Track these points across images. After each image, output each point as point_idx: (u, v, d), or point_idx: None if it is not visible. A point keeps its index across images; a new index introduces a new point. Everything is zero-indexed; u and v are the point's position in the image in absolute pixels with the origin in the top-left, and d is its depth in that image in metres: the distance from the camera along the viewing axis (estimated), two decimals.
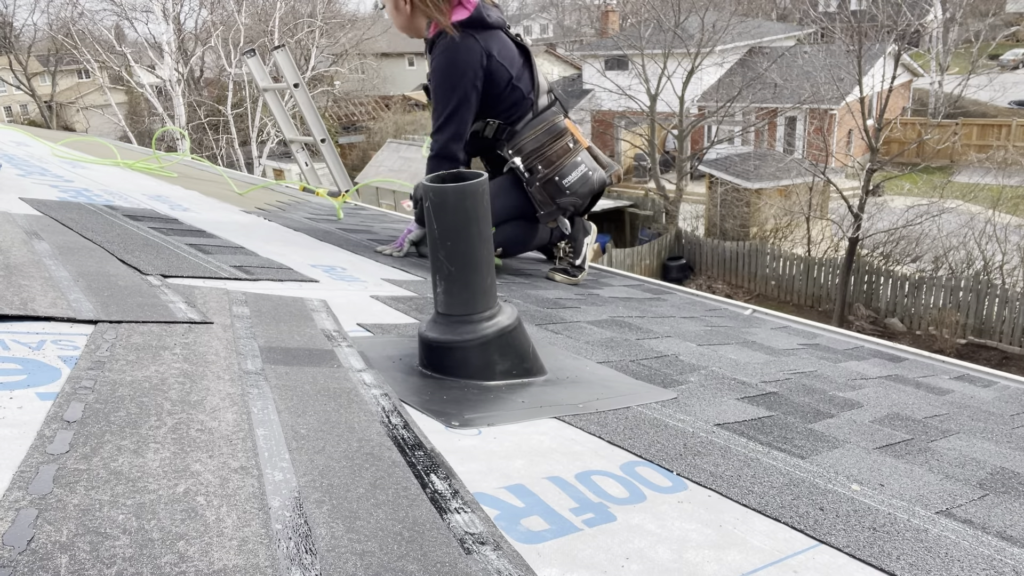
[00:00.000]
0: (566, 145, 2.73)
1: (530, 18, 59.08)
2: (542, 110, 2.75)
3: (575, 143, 2.77)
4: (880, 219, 17.09)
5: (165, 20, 20.34)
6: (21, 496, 0.76)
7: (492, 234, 2.93)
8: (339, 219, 3.63)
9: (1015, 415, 1.89)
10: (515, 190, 2.80)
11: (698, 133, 25.06)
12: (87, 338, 1.25)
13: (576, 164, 2.73)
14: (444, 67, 2.55)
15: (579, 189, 2.75)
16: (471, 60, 2.54)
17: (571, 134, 2.77)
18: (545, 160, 2.71)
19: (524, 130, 2.71)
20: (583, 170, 2.74)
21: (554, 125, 2.74)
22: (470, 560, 0.82)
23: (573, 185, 2.73)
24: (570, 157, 2.72)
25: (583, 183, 2.75)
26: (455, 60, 2.54)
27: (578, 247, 3.02)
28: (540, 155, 2.70)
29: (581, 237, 3.04)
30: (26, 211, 2.31)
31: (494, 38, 2.61)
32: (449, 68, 2.55)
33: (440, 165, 2.62)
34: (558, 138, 2.73)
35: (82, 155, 4.45)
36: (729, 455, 1.28)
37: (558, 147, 2.72)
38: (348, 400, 1.21)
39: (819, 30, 29.18)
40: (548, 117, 2.75)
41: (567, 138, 2.75)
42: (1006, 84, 28.83)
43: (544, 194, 2.75)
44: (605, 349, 1.92)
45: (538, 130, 2.72)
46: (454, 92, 2.56)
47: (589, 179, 2.77)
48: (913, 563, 0.99)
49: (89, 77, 31.89)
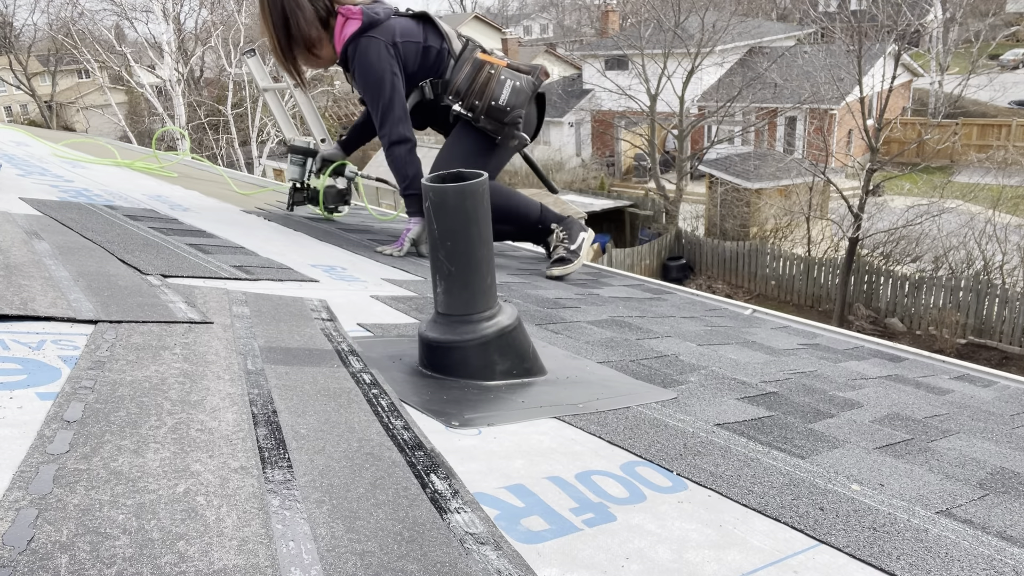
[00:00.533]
0: (487, 73, 2.96)
1: (530, 18, 59.09)
2: (460, 53, 2.99)
3: (494, 68, 2.97)
4: (880, 219, 17.10)
5: (165, 20, 20.34)
6: (21, 496, 0.76)
7: None
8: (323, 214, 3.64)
9: (1015, 415, 1.89)
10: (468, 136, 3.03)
11: (698, 133, 25.07)
12: (87, 338, 1.25)
13: (502, 82, 2.94)
14: (364, 72, 2.84)
15: (516, 101, 2.95)
16: (380, 54, 2.83)
17: (488, 63, 2.97)
18: (477, 94, 2.94)
19: (453, 75, 2.96)
20: (510, 84, 2.94)
21: (474, 60, 2.99)
22: (470, 560, 0.82)
23: (509, 99, 2.94)
24: (494, 80, 2.95)
25: (516, 94, 2.94)
26: (370, 62, 2.83)
27: (573, 234, 3.15)
28: (471, 92, 2.94)
29: (576, 228, 3.19)
30: (26, 211, 2.31)
31: (389, 28, 2.87)
32: (368, 70, 2.83)
33: (398, 151, 2.89)
34: (479, 70, 2.96)
35: (82, 155, 4.46)
36: (729, 455, 1.28)
37: (482, 78, 2.95)
38: (348, 400, 1.21)
39: (819, 30, 29.17)
40: (467, 56, 2.99)
41: (487, 68, 2.97)
42: (1006, 84, 28.84)
43: (492, 121, 2.96)
44: (605, 349, 1.92)
45: (464, 70, 2.96)
46: (381, 86, 2.84)
47: (520, 89, 2.95)
48: (913, 563, 0.99)
49: (89, 77, 31.90)
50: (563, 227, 3.16)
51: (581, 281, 3.04)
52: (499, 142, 3.00)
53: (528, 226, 3.23)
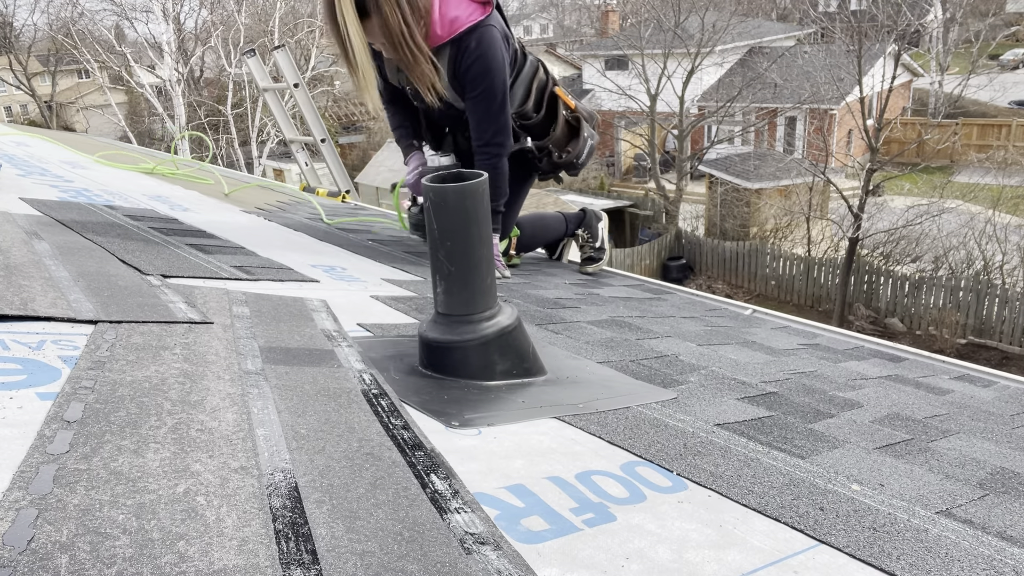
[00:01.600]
0: (567, 119, 2.84)
1: (530, 18, 59.05)
2: (521, 60, 2.68)
3: (572, 114, 2.86)
4: (880, 219, 17.10)
5: (165, 20, 20.33)
6: (21, 496, 0.76)
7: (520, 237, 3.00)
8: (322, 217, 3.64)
9: (1015, 415, 1.89)
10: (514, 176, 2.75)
11: (698, 133, 25.06)
12: (87, 338, 1.25)
13: (586, 141, 2.91)
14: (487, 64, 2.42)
15: (588, 160, 2.99)
16: (502, 49, 2.46)
17: (564, 104, 2.83)
18: (558, 143, 2.86)
19: (516, 89, 2.65)
20: (591, 144, 2.94)
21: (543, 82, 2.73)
22: (470, 560, 0.82)
23: (585, 159, 2.96)
24: (580, 135, 2.89)
25: (590, 154, 2.99)
26: (495, 55, 2.42)
27: (594, 232, 3.29)
28: (550, 139, 2.83)
29: (595, 223, 3.31)
30: (26, 211, 2.31)
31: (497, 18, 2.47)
32: (493, 63, 2.43)
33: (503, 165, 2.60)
34: (553, 106, 2.77)
35: (122, 164, 4.46)
36: (729, 455, 1.28)
37: (561, 123, 2.82)
38: (348, 400, 1.21)
39: (819, 30, 29.17)
40: (530, 72, 2.69)
41: (561, 107, 2.80)
42: (1006, 84, 28.82)
43: (552, 166, 2.94)
44: (605, 349, 1.92)
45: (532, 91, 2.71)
46: (504, 86, 2.49)
47: (593, 148, 2.99)
48: (913, 563, 0.99)
49: (89, 77, 31.88)
50: (584, 228, 3.30)
51: (581, 281, 3.04)
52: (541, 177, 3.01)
53: (557, 241, 3.41)
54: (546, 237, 3.31)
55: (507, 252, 3.05)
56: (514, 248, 3.08)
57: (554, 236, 3.33)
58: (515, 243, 3.07)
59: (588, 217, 3.33)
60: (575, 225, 3.33)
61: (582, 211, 3.38)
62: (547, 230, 3.30)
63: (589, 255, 3.27)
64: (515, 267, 3.09)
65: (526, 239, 3.14)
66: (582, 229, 3.30)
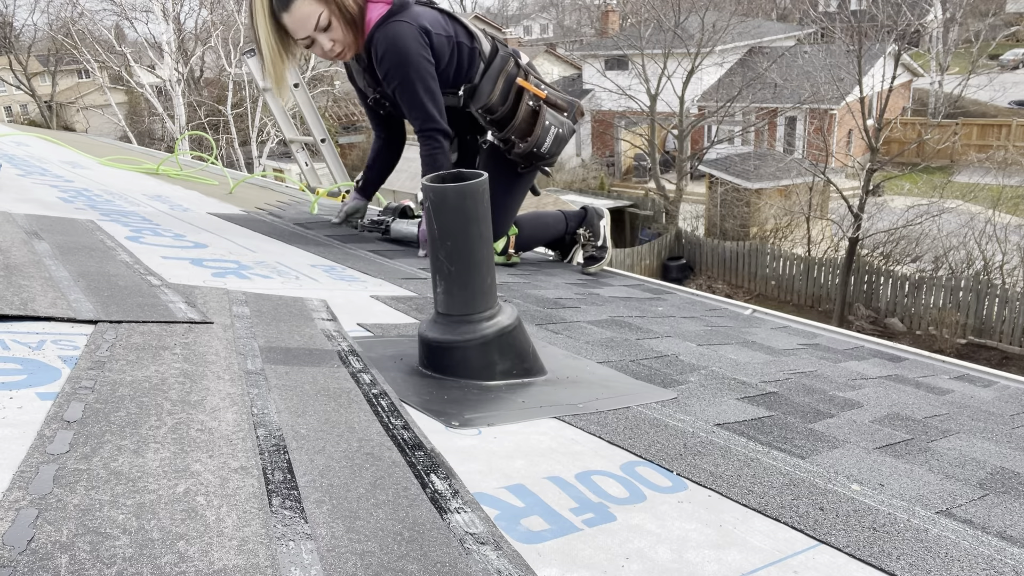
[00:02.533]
0: (528, 108, 2.78)
1: (530, 18, 59.05)
2: (490, 57, 2.77)
3: (538, 105, 2.80)
4: (880, 219, 17.11)
5: (165, 20, 20.32)
6: (21, 496, 0.76)
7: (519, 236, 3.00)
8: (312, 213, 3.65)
9: (1015, 415, 1.89)
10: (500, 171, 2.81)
11: (698, 133, 25.06)
12: (87, 338, 1.25)
13: (547, 128, 2.80)
14: (395, 58, 2.56)
15: (556, 150, 2.87)
16: (416, 40, 2.57)
17: (529, 93, 2.79)
18: (518, 132, 2.78)
19: (483, 84, 2.75)
20: (555, 132, 2.82)
21: (515, 86, 2.77)
22: (470, 560, 0.82)
23: (551, 148, 2.85)
24: (540, 123, 2.79)
25: (558, 143, 2.86)
26: (403, 47, 2.56)
27: (596, 230, 3.26)
28: (512, 127, 2.77)
29: (596, 221, 3.29)
30: (26, 211, 2.31)
31: (416, 14, 2.61)
32: (402, 56, 2.55)
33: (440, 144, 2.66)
34: (518, 99, 2.77)
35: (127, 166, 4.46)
36: (729, 455, 1.28)
37: (523, 112, 2.77)
38: (348, 400, 1.21)
39: (819, 30, 29.17)
40: (499, 66, 2.77)
41: (526, 98, 2.78)
42: (1006, 84, 28.83)
43: (525, 160, 2.87)
44: (605, 349, 1.92)
45: (498, 85, 2.74)
46: (419, 74, 2.58)
47: (562, 136, 2.86)
48: (913, 563, 0.99)
49: (89, 77, 31.87)
50: (586, 227, 3.28)
51: (581, 281, 3.04)
52: (520, 170, 2.95)
53: (557, 241, 3.39)
54: (546, 236, 3.30)
55: (506, 251, 3.05)
56: (513, 247, 3.07)
57: (554, 234, 3.32)
58: (514, 242, 3.07)
59: (590, 215, 3.31)
60: (575, 223, 3.31)
61: (583, 209, 3.37)
62: (547, 229, 3.29)
63: (591, 254, 3.26)
64: (514, 266, 3.09)
65: (525, 238, 3.13)
66: (584, 228, 3.29)
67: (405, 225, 3.09)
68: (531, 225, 3.17)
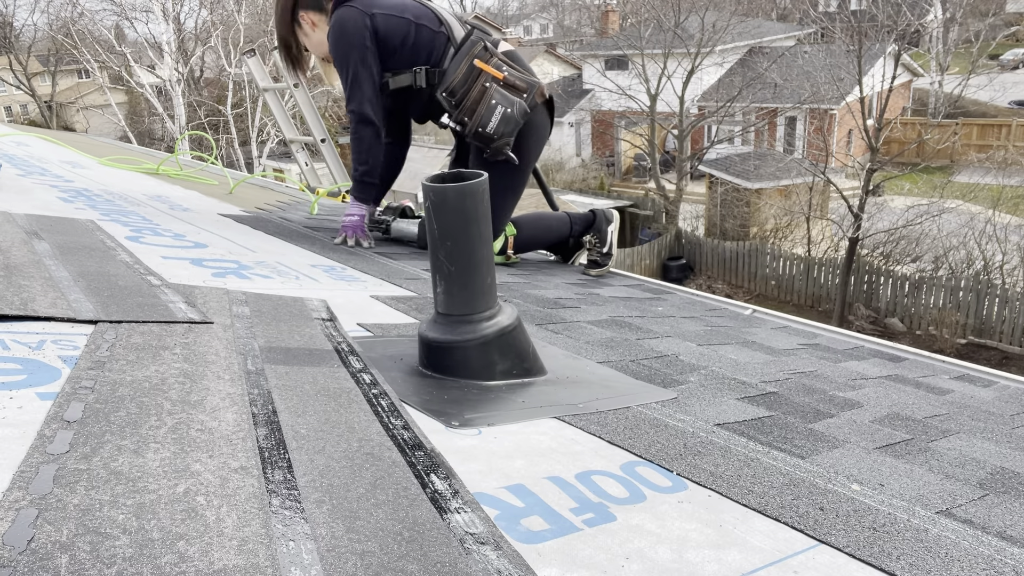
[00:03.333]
0: (481, 87, 2.70)
1: (530, 18, 59.05)
2: (462, 42, 2.75)
3: (488, 83, 2.72)
4: (880, 219, 17.11)
5: (165, 20, 20.32)
6: (21, 496, 0.76)
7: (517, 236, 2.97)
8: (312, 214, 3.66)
9: (1015, 415, 1.89)
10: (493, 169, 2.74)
11: (698, 133, 25.07)
12: (87, 338, 1.25)
13: (492, 108, 2.68)
14: (334, 42, 2.70)
15: (504, 129, 2.72)
16: (355, 24, 2.67)
17: (484, 73, 2.71)
18: (467, 111, 2.71)
19: (450, 68, 2.73)
20: (500, 111, 2.69)
21: (471, 66, 2.72)
22: (470, 560, 0.82)
23: (498, 128, 2.70)
24: (485, 102, 2.69)
25: (506, 122, 2.71)
26: (340, 31, 2.68)
27: (603, 236, 3.22)
28: (464, 107, 2.70)
29: (605, 227, 3.23)
30: (26, 211, 2.31)
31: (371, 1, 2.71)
32: (338, 40, 2.69)
33: (365, 132, 2.77)
34: (475, 80, 2.71)
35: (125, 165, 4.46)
36: (729, 455, 1.28)
37: (475, 93, 2.70)
38: (348, 400, 1.21)
39: (819, 30, 29.17)
40: (467, 49, 2.74)
41: (481, 79, 2.71)
42: (1006, 84, 28.83)
43: (480, 142, 2.77)
44: (605, 349, 1.92)
45: (461, 68, 2.71)
46: (348, 59, 2.69)
47: (510, 117, 2.71)
48: (913, 563, 0.99)
49: (89, 77, 31.85)
50: (594, 233, 3.23)
51: (581, 281, 3.04)
52: (487, 156, 2.82)
53: (560, 244, 3.35)
54: (548, 238, 3.23)
55: (504, 251, 3.02)
56: (511, 247, 3.04)
57: (556, 237, 3.25)
58: (512, 242, 3.03)
59: (598, 220, 3.22)
60: (582, 227, 3.23)
61: (592, 213, 3.27)
62: (548, 231, 3.21)
63: (594, 259, 3.21)
64: (514, 266, 3.08)
65: (525, 238, 3.07)
66: (591, 234, 3.21)
67: (406, 224, 3.09)
68: (532, 226, 3.12)
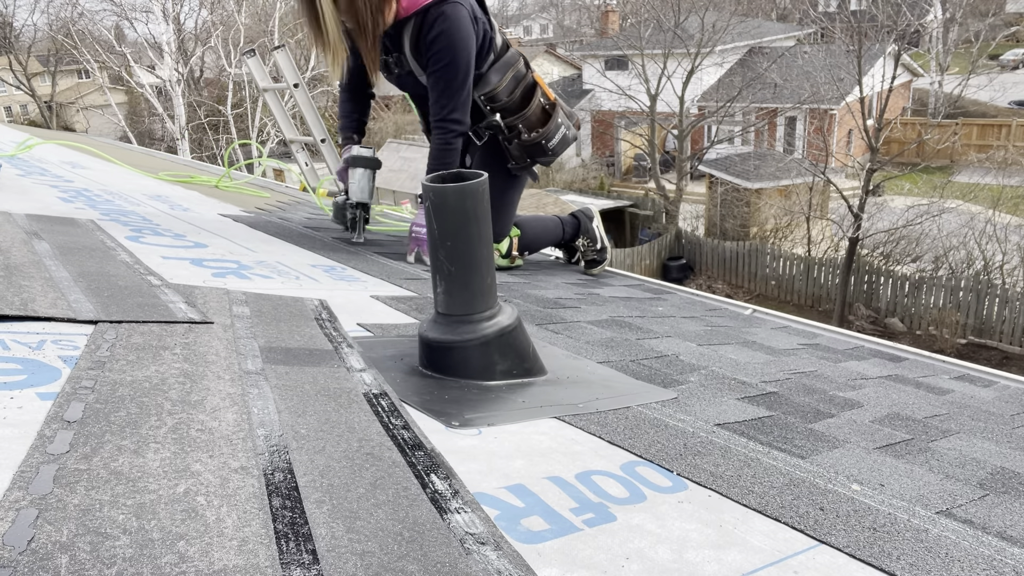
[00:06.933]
0: (544, 106, 2.74)
1: (530, 18, 59.02)
2: (501, 50, 2.69)
3: (551, 104, 2.77)
4: (880, 219, 17.10)
5: (165, 20, 20.31)
6: (21, 496, 0.76)
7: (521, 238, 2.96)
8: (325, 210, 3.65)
9: (1015, 415, 1.89)
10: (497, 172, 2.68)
11: (698, 133, 25.06)
12: (87, 338, 1.25)
13: (559, 126, 2.77)
14: (451, 41, 2.44)
15: (559, 149, 2.82)
16: (469, 27, 2.46)
17: (541, 89, 2.76)
18: (527, 122, 2.71)
19: (490, 74, 2.65)
20: (563, 132, 2.80)
21: (520, 73, 2.69)
22: (470, 560, 0.82)
23: (555, 147, 2.79)
24: (553, 119, 2.75)
25: (563, 144, 2.82)
26: (463, 32, 2.44)
27: (593, 235, 3.28)
28: (521, 116, 2.70)
29: (590, 225, 3.29)
30: (26, 211, 2.31)
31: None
32: (458, 41, 2.45)
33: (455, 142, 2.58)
34: (530, 93, 2.71)
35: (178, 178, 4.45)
36: (729, 455, 1.28)
37: (535, 107, 2.71)
38: (348, 400, 1.21)
39: (819, 30, 29.17)
40: (510, 61, 2.69)
41: (539, 95, 2.73)
42: (1006, 84, 28.82)
43: (522, 152, 2.77)
44: (605, 349, 1.92)
45: (506, 77, 2.65)
46: (467, 63, 2.49)
47: (567, 139, 2.83)
48: (913, 563, 0.99)
49: (89, 77, 31.85)
50: (584, 235, 3.29)
51: (581, 281, 3.05)
52: (511, 167, 2.83)
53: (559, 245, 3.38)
54: (547, 239, 3.29)
55: (509, 253, 3.04)
56: (516, 249, 3.07)
57: (554, 238, 3.32)
58: (516, 243, 3.07)
59: (583, 224, 3.28)
60: (572, 232, 3.29)
61: (574, 218, 3.31)
62: (547, 231, 3.28)
63: (592, 258, 3.28)
64: (517, 268, 3.09)
65: (528, 239, 3.13)
66: (582, 237, 3.28)
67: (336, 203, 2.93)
68: (533, 227, 3.17)
